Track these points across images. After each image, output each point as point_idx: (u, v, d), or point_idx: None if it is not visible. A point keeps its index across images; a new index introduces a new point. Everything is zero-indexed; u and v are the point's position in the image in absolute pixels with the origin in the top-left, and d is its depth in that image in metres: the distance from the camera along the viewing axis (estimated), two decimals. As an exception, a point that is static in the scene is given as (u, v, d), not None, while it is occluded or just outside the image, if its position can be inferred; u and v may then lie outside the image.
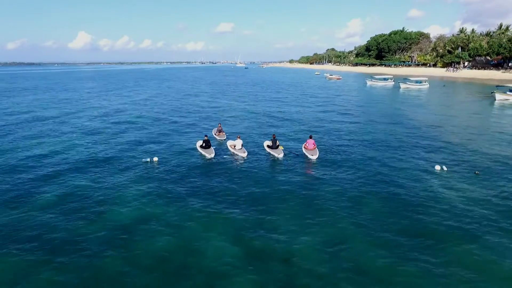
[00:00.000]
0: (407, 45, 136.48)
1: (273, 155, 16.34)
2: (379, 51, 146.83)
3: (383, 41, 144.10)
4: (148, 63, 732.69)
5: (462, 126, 24.28)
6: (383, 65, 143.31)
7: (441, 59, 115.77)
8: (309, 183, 12.97)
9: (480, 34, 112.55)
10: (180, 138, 20.83)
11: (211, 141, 17.88)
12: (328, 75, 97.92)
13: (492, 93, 40.21)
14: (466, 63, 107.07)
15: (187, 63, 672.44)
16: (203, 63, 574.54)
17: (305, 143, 17.11)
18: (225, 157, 16.30)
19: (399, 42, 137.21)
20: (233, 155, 16.65)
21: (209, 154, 16.40)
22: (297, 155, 16.45)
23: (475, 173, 13.33)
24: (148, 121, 26.76)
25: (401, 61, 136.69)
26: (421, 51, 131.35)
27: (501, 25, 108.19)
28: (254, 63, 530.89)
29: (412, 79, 63.43)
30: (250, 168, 14.72)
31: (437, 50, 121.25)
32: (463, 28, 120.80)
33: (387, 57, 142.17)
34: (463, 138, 20.25)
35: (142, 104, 38.43)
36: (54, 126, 24.69)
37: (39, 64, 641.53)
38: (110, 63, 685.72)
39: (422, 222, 9.71)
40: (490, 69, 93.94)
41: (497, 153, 16.78)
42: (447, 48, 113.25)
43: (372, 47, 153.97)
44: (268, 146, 17.23)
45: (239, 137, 17.54)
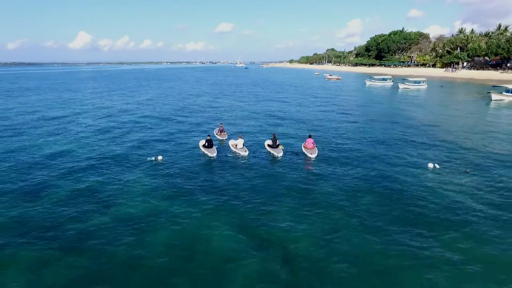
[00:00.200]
0: (406, 46, 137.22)
1: (272, 154, 16.99)
2: (379, 51, 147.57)
3: (382, 42, 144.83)
4: (148, 63, 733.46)
5: (457, 125, 24.94)
6: (382, 65, 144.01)
7: (440, 59, 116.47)
8: (308, 178, 13.64)
9: (479, 34, 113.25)
10: (183, 137, 21.47)
11: (213, 141, 18.51)
12: (327, 75, 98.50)
13: (488, 93, 40.90)
14: (465, 64, 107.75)
15: (187, 63, 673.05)
16: (203, 63, 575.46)
17: (304, 142, 17.76)
18: (227, 156, 16.93)
19: (398, 42, 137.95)
20: (234, 154, 17.28)
21: (212, 153, 17.01)
22: (296, 154, 17.09)
23: (465, 171, 13.97)
24: (151, 121, 27.40)
25: (400, 62, 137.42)
26: (420, 51, 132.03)
27: (499, 26, 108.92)
28: (254, 63, 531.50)
29: (410, 79, 64.09)
30: (251, 165, 15.38)
31: (436, 50, 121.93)
32: (462, 28, 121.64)
33: (387, 57, 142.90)
34: (457, 137, 20.90)
35: (145, 104, 39.07)
36: (62, 125, 25.34)
37: (40, 64, 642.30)
38: (110, 63, 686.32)
39: (413, 213, 10.45)
40: (488, 70, 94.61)
41: (489, 151, 17.46)
42: (446, 48, 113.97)
43: (371, 47, 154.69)
44: (268, 145, 17.86)
45: (241, 137, 18.15)
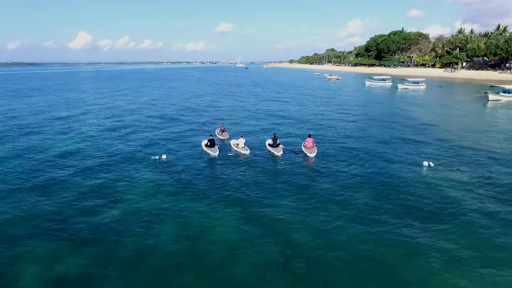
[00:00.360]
0: (406, 46, 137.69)
1: (272, 153, 17.52)
2: (379, 51, 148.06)
3: (382, 42, 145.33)
4: (148, 63, 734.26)
5: (453, 125, 25.47)
6: (382, 65, 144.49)
7: (440, 59, 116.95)
8: (307, 175, 14.19)
9: (478, 34, 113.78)
10: (185, 137, 21.98)
11: (215, 141, 19.01)
12: (327, 75, 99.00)
13: (485, 93, 41.44)
14: (464, 64, 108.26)
15: (187, 63, 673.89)
16: (203, 63, 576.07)
17: (304, 141, 18.28)
18: (229, 154, 17.44)
19: (398, 42, 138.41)
20: (236, 153, 17.81)
21: (214, 152, 17.53)
22: (296, 153, 17.61)
23: (458, 170, 14.51)
24: (155, 121, 27.92)
25: (400, 62, 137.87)
26: (420, 51, 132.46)
27: (498, 26, 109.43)
28: (254, 63, 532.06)
29: (409, 79, 64.59)
30: (252, 164, 15.91)
31: (435, 50, 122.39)
32: (461, 28, 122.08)
33: (387, 57, 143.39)
34: (453, 136, 21.42)
35: (148, 104, 39.62)
36: (69, 125, 25.94)
37: (40, 64, 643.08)
38: (110, 63, 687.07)
39: (407, 207, 11.09)
40: (487, 70, 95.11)
41: (483, 149, 18.01)
42: (446, 48, 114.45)
43: (371, 48, 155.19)
44: (269, 144, 18.39)
45: (242, 136, 18.68)
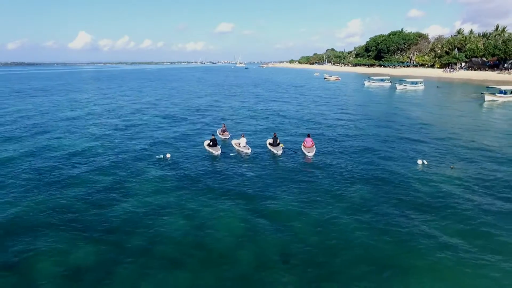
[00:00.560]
0: (405, 46, 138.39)
1: (273, 151, 18.19)
2: (378, 51, 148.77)
3: (382, 42, 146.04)
4: (148, 63, 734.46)
5: (449, 125, 26.14)
6: (382, 65, 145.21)
7: (439, 60, 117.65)
8: (306, 172, 14.91)
9: (477, 35, 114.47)
10: (188, 137, 22.64)
11: (217, 140, 19.66)
12: (327, 75, 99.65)
13: (481, 94, 42.12)
14: (463, 64, 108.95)
15: (187, 63, 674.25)
16: (203, 63, 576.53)
17: (303, 141, 18.93)
18: (231, 154, 18.09)
19: (397, 43, 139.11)
20: (238, 152, 18.47)
21: (216, 151, 18.18)
22: (295, 152, 18.26)
23: (450, 168, 15.18)
24: (159, 121, 28.57)
25: (399, 62, 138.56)
26: (419, 51, 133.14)
27: (497, 27, 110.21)
28: (254, 63, 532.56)
29: (408, 80, 65.25)
30: (253, 162, 16.59)
31: (435, 51, 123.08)
32: (460, 29, 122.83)
33: (386, 57, 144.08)
34: (448, 135, 22.12)
35: (151, 104, 40.35)
36: (77, 124, 26.64)
37: (40, 64, 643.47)
38: (110, 63, 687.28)
39: (399, 200, 11.92)
40: (486, 70, 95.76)
41: (476, 147, 18.76)
42: (445, 49, 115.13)
43: (371, 48, 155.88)
44: (269, 143, 19.05)
45: (243, 136, 19.35)
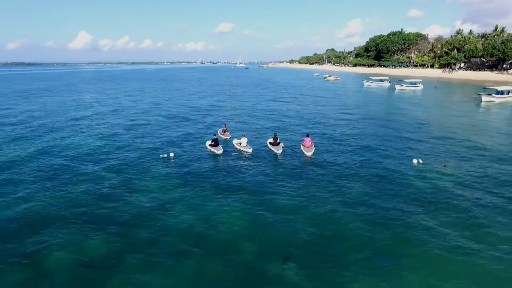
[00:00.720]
0: (405, 46, 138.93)
1: (273, 150, 18.78)
2: (378, 52, 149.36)
3: (381, 42, 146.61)
4: (148, 63, 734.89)
5: (446, 125, 26.71)
6: (381, 66, 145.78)
7: (438, 60, 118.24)
8: (305, 169, 15.52)
9: (477, 35, 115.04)
10: (191, 136, 23.22)
11: (218, 140, 20.21)
12: (326, 76, 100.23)
13: (478, 95, 42.69)
14: (462, 65, 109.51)
15: (187, 63, 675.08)
16: (203, 63, 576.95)
17: (303, 141, 19.50)
18: (232, 153, 18.67)
19: (397, 43, 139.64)
20: (239, 151, 19.05)
21: (218, 150, 18.73)
22: (295, 151, 18.84)
23: (444, 166, 15.78)
24: (162, 121, 29.15)
25: (399, 62, 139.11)
26: (419, 52, 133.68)
27: (496, 27, 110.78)
28: (254, 63, 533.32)
29: (406, 80, 65.85)
30: (254, 160, 17.18)
31: (434, 51, 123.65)
32: (459, 29, 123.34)
33: (386, 58, 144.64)
34: (444, 135, 22.71)
35: (155, 104, 41.01)
36: (85, 125, 27.22)
37: (40, 64, 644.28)
38: (110, 63, 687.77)
39: (394, 195, 12.46)
40: (484, 71, 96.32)
41: (470, 146, 19.36)
42: (444, 49, 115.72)
43: (371, 48, 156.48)
44: (270, 143, 19.63)
45: (244, 136, 19.92)
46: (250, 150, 18.78)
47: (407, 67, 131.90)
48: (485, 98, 41.27)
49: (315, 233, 10.01)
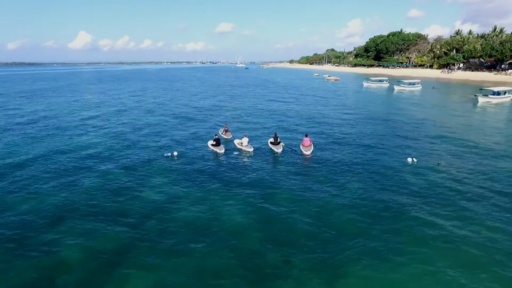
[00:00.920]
0: (405, 47, 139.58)
1: (273, 150, 19.50)
2: (378, 52, 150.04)
3: (381, 42, 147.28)
4: (148, 63, 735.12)
5: (441, 124, 27.41)
6: (381, 66, 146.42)
7: (438, 60, 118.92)
8: (304, 167, 16.26)
9: (477, 35, 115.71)
10: (193, 136, 23.93)
11: (220, 140, 20.90)
12: (326, 76, 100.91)
13: (475, 96, 43.39)
14: (461, 65, 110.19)
15: (187, 63, 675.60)
16: (203, 63, 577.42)
17: (302, 140, 20.21)
18: (234, 152, 19.37)
19: (397, 43, 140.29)
20: (240, 150, 19.75)
21: (220, 150, 19.43)
22: (295, 150, 19.55)
23: (437, 164, 16.51)
24: (165, 121, 29.86)
25: (399, 62, 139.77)
26: (418, 52, 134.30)
27: (495, 28, 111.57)
28: (254, 63, 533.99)
29: (405, 81, 66.57)
30: (255, 159, 17.90)
31: (434, 51, 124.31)
32: (459, 30, 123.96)
33: (385, 58, 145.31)
34: (439, 134, 23.47)
35: (158, 104, 41.75)
36: (92, 125, 27.93)
37: (40, 64, 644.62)
38: (110, 63, 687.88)
39: (389, 190, 13.12)
40: (483, 71, 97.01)
41: (464, 145, 20.11)
42: (443, 49, 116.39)
43: (370, 48, 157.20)
44: (271, 142, 20.34)
45: (246, 135, 20.63)
46: (251, 150, 19.48)
47: (407, 67, 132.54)
48: (481, 99, 41.96)
49: (313, 223, 10.86)
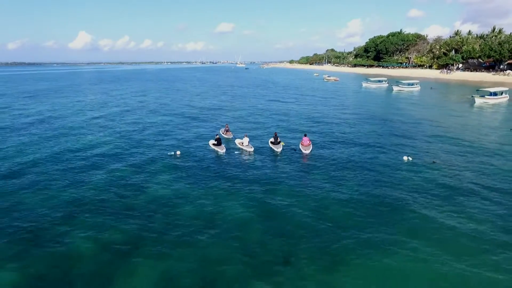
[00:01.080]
0: (404, 47, 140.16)
1: (273, 149, 20.08)
2: (377, 52, 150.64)
3: (381, 43, 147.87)
4: (148, 63, 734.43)
5: (438, 124, 28.01)
6: (380, 66, 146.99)
7: (437, 61, 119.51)
8: (303, 166, 16.90)
9: (476, 36, 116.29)
10: (195, 135, 24.50)
11: (221, 140, 21.45)
12: (326, 76, 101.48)
13: (472, 97, 43.95)
14: (460, 65, 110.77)
15: (187, 63, 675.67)
16: (203, 63, 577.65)
17: (301, 140, 20.79)
18: (235, 152, 19.93)
19: (396, 43, 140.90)
20: (241, 150, 20.32)
21: (221, 149, 19.98)
22: (294, 150, 20.13)
23: (432, 162, 17.11)
24: (168, 121, 30.45)
25: (398, 63, 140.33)
26: (418, 52, 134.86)
27: (494, 28, 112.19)
28: (254, 63, 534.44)
29: (404, 81, 67.12)
30: (256, 159, 18.47)
31: (433, 52, 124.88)
32: (458, 30, 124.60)
33: (385, 58, 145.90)
34: (435, 134, 24.09)
35: (160, 104, 42.41)
36: (96, 125, 28.55)
37: (40, 64, 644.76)
38: (110, 63, 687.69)
39: (386, 187, 13.78)
40: (482, 71, 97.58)
41: (459, 144, 20.71)
42: (443, 50, 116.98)
43: (370, 49, 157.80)
44: (271, 142, 20.91)
45: (246, 135, 21.19)
46: (251, 149, 20.05)
47: (406, 67, 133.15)
48: (478, 100, 42.51)
49: (312, 216, 11.57)
